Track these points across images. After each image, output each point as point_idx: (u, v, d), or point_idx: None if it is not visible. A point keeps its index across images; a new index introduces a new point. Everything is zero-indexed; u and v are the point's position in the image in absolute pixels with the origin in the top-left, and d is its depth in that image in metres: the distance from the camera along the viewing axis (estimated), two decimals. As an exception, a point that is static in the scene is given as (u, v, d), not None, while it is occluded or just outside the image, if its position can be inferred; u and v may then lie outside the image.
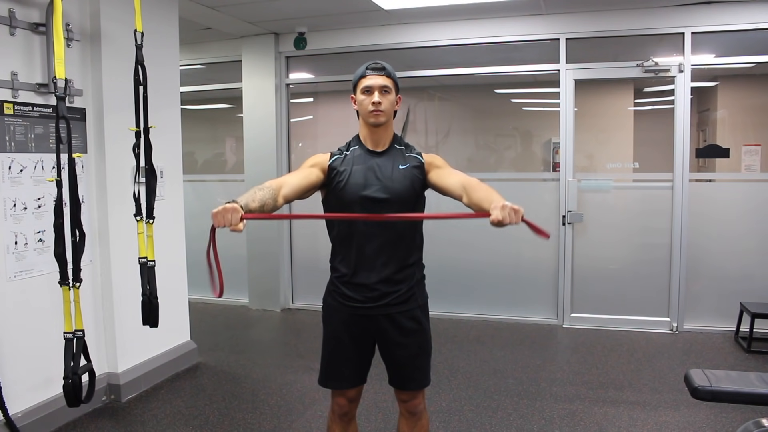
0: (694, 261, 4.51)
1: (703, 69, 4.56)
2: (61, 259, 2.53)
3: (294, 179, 1.91)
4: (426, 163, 2.03)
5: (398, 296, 1.99)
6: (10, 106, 2.79)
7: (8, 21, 2.76)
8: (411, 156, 2.03)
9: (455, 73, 5.00)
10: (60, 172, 2.55)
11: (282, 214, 1.76)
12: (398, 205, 1.94)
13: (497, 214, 1.60)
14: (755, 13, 4.23)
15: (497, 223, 1.61)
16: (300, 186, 1.90)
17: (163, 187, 3.65)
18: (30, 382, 2.90)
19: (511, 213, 1.61)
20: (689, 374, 2.21)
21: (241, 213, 1.59)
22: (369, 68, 1.96)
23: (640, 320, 4.63)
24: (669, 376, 3.64)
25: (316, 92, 5.60)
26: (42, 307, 2.92)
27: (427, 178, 2.01)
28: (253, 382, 3.68)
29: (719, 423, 2.97)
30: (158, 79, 3.35)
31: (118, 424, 3.08)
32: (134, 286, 3.00)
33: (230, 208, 1.58)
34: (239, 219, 1.59)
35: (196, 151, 6.02)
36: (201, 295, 5.54)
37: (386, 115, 1.97)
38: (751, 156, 4.56)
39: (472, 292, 5.04)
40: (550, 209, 4.78)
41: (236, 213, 1.58)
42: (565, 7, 4.49)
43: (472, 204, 1.79)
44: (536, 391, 3.45)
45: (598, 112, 5.07)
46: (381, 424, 3.05)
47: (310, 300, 5.39)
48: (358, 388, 2.12)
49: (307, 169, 1.98)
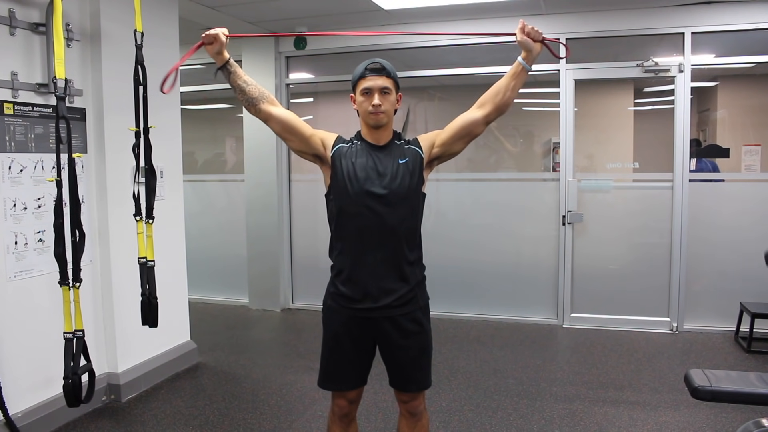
0: (694, 261, 4.51)
1: (703, 69, 4.56)
2: (61, 259, 2.53)
3: (290, 116, 2.00)
4: (424, 148, 2.03)
5: (399, 298, 1.98)
6: (10, 106, 2.79)
7: (8, 21, 2.76)
8: (410, 148, 2.02)
9: (455, 73, 5.01)
10: (60, 172, 2.54)
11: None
12: (397, 201, 1.94)
13: (522, 37, 1.89)
14: (755, 13, 4.23)
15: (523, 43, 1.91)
16: (290, 124, 1.99)
17: (163, 187, 3.65)
18: (30, 382, 2.91)
19: (533, 31, 1.90)
20: (689, 374, 2.21)
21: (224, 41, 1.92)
22: (368, 69, 1.94)
23: (640, 320, 4.63)
24: (669, 376, 3.64)
25: (316, 92, 5.60)
26: (42, 307, 2.92)
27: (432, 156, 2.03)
28: (253, 382, 3.68)
29: (719, 423, 2.97)
30: (158, 79, 3.30)
31: (118, 424, 3.08)
32: (134, 286, 3.00)
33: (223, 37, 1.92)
34: (220, 44, 1.92)
35: (196, 151, 6.02)
36: (201, 295, 5.56)
37: (387, 116, 1.96)
38: (751, 156, 4.56)
39: (472, 292, 5.04)
40: (550, 209, 4.79)
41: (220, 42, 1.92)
42: (565, 7, 4.49)
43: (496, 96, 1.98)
44: (536, 391, 3.45)
45: (598, 112, 5.07)
46: (381, 424, 3.05)
47: (310, 300, 5.39)
48: (358, 390, 2.12)
49: (311, 129, 2.02)
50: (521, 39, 1.92)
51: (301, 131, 2.00)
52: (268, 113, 1.99)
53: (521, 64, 1.96)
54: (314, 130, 2.03)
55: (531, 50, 1.93)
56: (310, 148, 2.02)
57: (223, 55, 1.96)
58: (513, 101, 2.01)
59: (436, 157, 2.05)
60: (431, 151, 2.03)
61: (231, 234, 5.62)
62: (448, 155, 2.06)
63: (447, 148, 2.03)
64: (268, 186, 5.34)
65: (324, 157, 2.01)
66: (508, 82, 1.98)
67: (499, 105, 1.99)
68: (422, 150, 2.03)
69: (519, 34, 1.93)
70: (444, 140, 2.03)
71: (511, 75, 1.97)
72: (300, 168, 5.45)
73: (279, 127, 2.00)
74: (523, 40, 1.92)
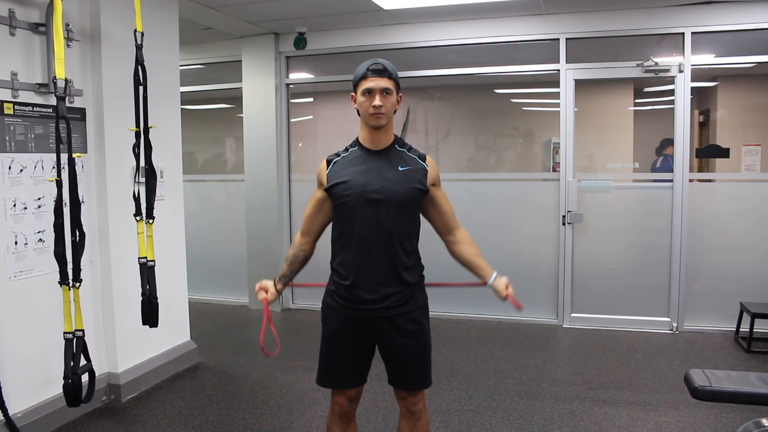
0: (694, 261, 4.51)
1: (703, 69, 4.56)
2: (61, 259, 2.53)
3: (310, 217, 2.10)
4: (429, 174, 2.02)
5: (398, 298, 1.98)
6: (10, 106, 2.79)
7: (8, 21, 2.76)
8: (412, 158, 2.02)
9: (455, 73, 5.00)
10: (60, 172, 2.54)
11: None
12: (395, 207, 1.94)
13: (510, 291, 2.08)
14: (755, 13, 4.23)
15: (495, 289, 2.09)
16: (316, 220, 2.09)
17: (163, 187, 3.65)
18: (30, 382, 2.91)
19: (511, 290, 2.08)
20: (689, 374, 2.21)
21: (270, 289, 2.12)
22: (370, 69, 1.94)
23: (640, 320, 4.63)
24: (669, 376, 3.64)
25: (316, 92, 5.60)
26: (42, 307, 2.92)
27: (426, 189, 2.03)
28: (253, 382, 3.68)
29: (719, 423, 2.97)
30: (158, 79, 3.35)
31: (118, 424, 3.08)
32: (134, 286, 3.00)
33: (261, 287, 2.14)
34: (273, 293, 2.12)
35: (196, 151, 6.03)
36: (201, 295, 5.56)
37: (387, 117, 1.97)
38: (751, 156, 4.56)
39: (472, 292, 5.03)
40: (550, 209, 4.79)
41: (262, 292, 2.13)
42: (565, 7, 4.49)
43: (459, 256, 2.11)
44: (536, 391, 3.45)
45: (598, 112, 5.07)
46: (381, 424, 3.05)
47: (310, 300, 5.39)
48: (358, 388, 2.12)
49: (316, 199, 2.08)
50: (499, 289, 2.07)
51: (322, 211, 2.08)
52: (310, 238, 2.13)
53: (484, 281, 2.10)
54: (316, 197, 2.07)
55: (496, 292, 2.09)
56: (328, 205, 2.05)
57: (277, 295, 2.15)
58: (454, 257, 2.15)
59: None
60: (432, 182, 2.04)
61: (231, 234, 5.62)
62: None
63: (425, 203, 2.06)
64: (268, 186, 5.34)
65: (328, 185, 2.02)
66: (466, 262, 2.12)
67: (449, 248, 2.14)
68: (428, 167, 2.02)
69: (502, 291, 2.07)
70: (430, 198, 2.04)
71: (474, 267, 2.11)
72: (300, 168, 5.45)
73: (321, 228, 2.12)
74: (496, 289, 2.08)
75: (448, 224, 2.11)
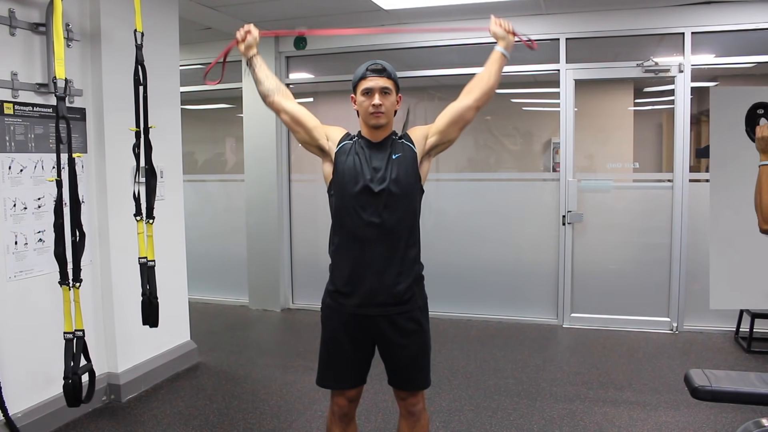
0: (694, 261, 4.51)
1: (703, 69, 4.55)
2: (61, 259, 2.53)
3: (299, 109, 2.08)
4: (416, 142, 2.04)
5: (398, 297, 1.98)
6: (10, 106, 2.79)
7: (8, 21, 2.75)
8: (402, 143, 2.03)
9: (455, 73, 5.00)
10: (60, 172, 2.54)
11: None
12: (393, 197, 1.94)
13: (495, 28, 2.14)
14: (755, 13, 4.23)
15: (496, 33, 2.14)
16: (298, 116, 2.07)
17: (163, 187, 3.65)
18: (30, 382, 2.91)
19: (506, 24, 2.13)
20: (689, 374, 2.21)
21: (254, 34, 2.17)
22: (369, 69, 1.96)
23: (640, 320, 4.62)
24: (669, 376, 3.64)
25: (316, 92, 5.60)
26: (42, 307, 2.92)
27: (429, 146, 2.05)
28: (253, 382, 3.68)
29: (719, 423, 2.97)
30: (158, 79, 3.35)
31: (118, 424, 3.08)
32: (134, 286, 3.00)
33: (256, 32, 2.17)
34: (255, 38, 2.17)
35: (196, 151, 6.02)
36: (201, 295, 5.56)
37: (387, 117, 1.98)
38: (751, 156, 4.55)
39: (471, 292, 5.04)
40: (550, 209, 4.79)
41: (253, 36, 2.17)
42: (565, 7, 4.49)
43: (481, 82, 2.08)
44: (536, 391, 3.45)
45: (598, 112, 5.06)
46: (381, 424, 3.05)
47: (310, 300, 5.39)
48: (358, 389, 2.12)
49: (316, 122, 2.08)
50: (494, 30, 2.14)
51: (306, 123, 2.07)
52: (279, 105, 2.10)
53: (499, 51, 2.11)
54: (320, 124, 2.09)
55: (504, 38, 2.13)
56: (313, 139, 2.06)
57: (254, 50, 2.16)
58: (497, 86, 2.11)
59: (433, 147, 2.07)
60: (426, 141, 2.06)
61: (231, 234, 5.61)
62: (445, 143, 2.09)
63: (443, 135, 2.06)
64: (268, 186, 5.34)
65: (327, 150, 2.05)
66: (490, 69, 2.09)
67: (486, 89, 2.08)
68: (414, 144, 2.04)
69: (492, 26, 2.15)
70: (439, 128, 2.06)
71: (491, 62, 2.10)
72: (300, 168, 5.45)
73: (288, 118, 2.09)
74: (495, 31, 2.14)
75: (461, 104, 2.06)
